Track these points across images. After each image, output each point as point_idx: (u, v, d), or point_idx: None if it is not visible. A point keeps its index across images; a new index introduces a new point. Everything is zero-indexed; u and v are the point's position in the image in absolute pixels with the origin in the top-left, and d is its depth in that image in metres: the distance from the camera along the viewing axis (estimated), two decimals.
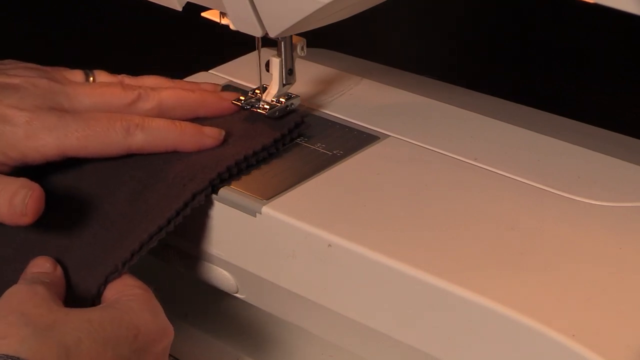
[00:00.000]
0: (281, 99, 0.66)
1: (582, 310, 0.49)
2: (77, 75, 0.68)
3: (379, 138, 0.65)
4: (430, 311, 0.52)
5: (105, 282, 0.56)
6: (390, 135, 0.65)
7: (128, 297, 0.55)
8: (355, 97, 0.72)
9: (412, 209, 0.57)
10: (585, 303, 0.50)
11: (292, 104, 0.66)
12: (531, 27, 0.96)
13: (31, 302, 0.52)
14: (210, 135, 0.63)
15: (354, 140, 0.65)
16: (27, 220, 0.57)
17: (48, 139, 0.60)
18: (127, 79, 0.68)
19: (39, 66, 0.66)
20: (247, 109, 0.66)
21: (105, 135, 0.61)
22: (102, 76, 0.68)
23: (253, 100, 0.66)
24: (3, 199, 0.57)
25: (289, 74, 0.66)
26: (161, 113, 0.65)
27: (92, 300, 0.56)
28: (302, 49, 0.66)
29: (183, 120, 0.65)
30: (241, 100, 0.66)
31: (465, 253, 0.53)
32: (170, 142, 0.62)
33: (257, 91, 0.67)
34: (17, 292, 0.54)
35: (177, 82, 0.69)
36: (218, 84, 0.71)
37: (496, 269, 0.52)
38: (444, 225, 0.56)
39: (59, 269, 0.58)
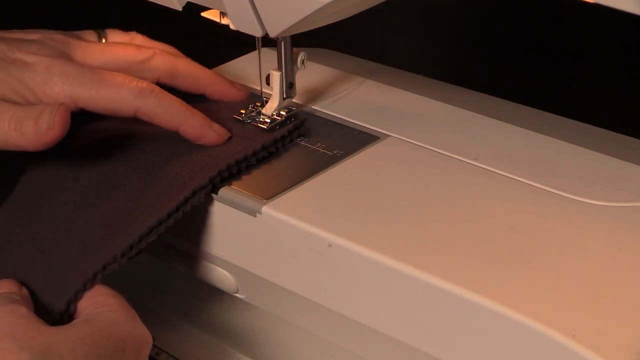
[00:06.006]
0: (282, 112, 0.66)
1: (582, 310, 0.49)
2: (90, 35, 0.69)
3: (379, 138, 0.65)
4: (430, 311, 0.52)
5: (104, 270, 0.56)
6: (390, 135, 0.65)
7: (106, 308, 0.54)
8: (356, 97, 0.72)
9: (412, 208, 0.57)
10: (585, 303, 0.50)
11: (292, 117, 0.66)
12: (531, 27, 0.96)
13: (19, 324, 0.51)
14: (217, 130, 0.63)
15: (354, 140, 0.65)
16: (54, 134, 0.57)
17: (63, 87, 0.61)
18: (139, 38, 0.70)
19: (52, 30, 0.68)
20: (247, 123, 0.66)
21: (117, 92, 0.61)
22: (114, 35, 0.70)
23: (254, 114, 0.66)
24: (29, 119, 0.57)
25: (289, 87, 0.66)
26: (172, 78, 0.66)
27: (84, 284, 0.56)
28: (302, 62, 0.66)
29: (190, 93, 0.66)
30: (242, 114, 0.67)
31: (465, 253, 0.53)
32: (177, 119, 0.62)
33: (257, 104, 0.67)
34: (1, 314, 0.52)
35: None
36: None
37: (496, 268, 0.52)
38: (444, 225, 0.56)
39: (25, 289, 0.57)
